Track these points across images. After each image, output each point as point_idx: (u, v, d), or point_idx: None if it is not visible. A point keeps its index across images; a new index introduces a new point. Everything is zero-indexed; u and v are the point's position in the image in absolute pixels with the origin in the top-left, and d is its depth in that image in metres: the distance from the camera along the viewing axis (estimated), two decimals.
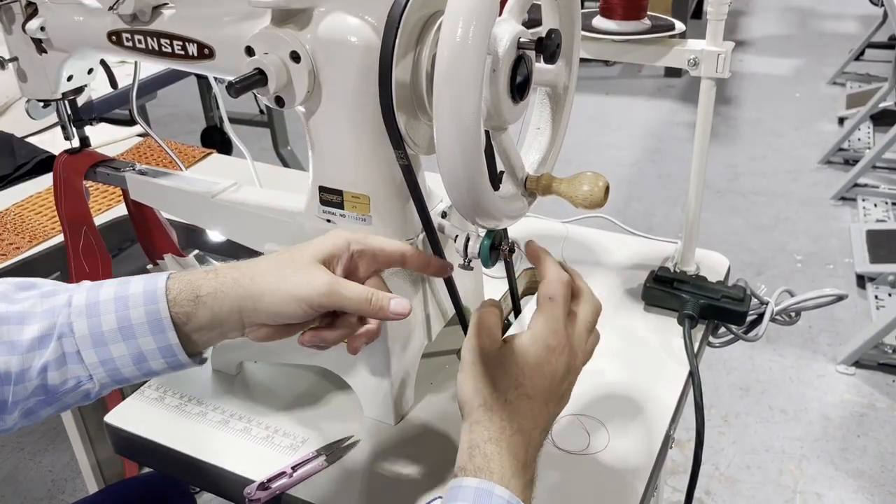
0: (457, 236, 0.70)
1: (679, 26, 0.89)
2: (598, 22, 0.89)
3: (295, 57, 0.64)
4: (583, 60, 0.79)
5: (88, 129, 0.91)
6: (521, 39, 0.61)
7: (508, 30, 0.60)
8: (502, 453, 0.55)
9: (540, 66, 0.68)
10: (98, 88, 1.60)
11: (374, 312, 0.59)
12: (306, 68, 0.64)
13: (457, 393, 0.59)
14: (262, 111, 2.82)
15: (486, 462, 0.55)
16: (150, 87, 1.79)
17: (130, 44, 0.74)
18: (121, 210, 1.19)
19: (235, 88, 0.62)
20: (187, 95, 3.30)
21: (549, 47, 0.60)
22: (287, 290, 0.57)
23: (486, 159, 0.57)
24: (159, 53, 0.73)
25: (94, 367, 0.57)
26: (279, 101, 0.66)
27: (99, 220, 1.18)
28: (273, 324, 0.59)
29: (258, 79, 0.63)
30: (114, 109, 1.67)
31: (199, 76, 2.38)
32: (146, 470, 1.14)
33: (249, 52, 0.65)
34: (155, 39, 0.73)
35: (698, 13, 4.68)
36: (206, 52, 0.70)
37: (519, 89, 0.62)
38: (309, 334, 0.61)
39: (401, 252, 0.64)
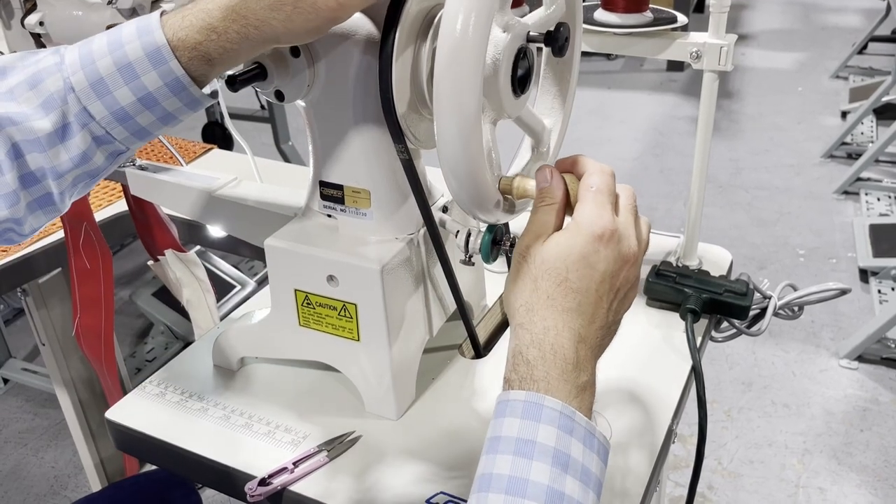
0: (458, 231, 0.69)
1: (681, 19, 0.88)
2: (600, 15, 0.89)
3: (295, 51, 0.63)
4: (585, 54, 0.79)
5: None
6: (530, 33, 0.60)
7: (513, 24, 0.59)
8: (545, 357, 0.50)
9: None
10: None
11: None
12: (306, 62, 0.63)
13: (504, 297, 0.55)
14: (262, 107, 2.82)
15: (530, 370, 0.50)
16: None
17: None
18: (121, 206, 1.19)
19: (236, 83, 0.61)
20: None
21: (557, 40, 0.60)
22: (299, 27, 0.54)
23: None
24: None
25: (107, 122, 0.55)
26: (279, 95, 0.66)
27: (100, 215, 1.17)
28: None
29: (258, 73, 0.63)
30: None
31: None
32: (149, 466, 1.14)
33: None
34: None
35: (700, 7, 4.66)
36: None
37: (520, 82, 0.62)
38: None
39: None
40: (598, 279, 0.53)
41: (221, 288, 2.15)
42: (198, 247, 1.38)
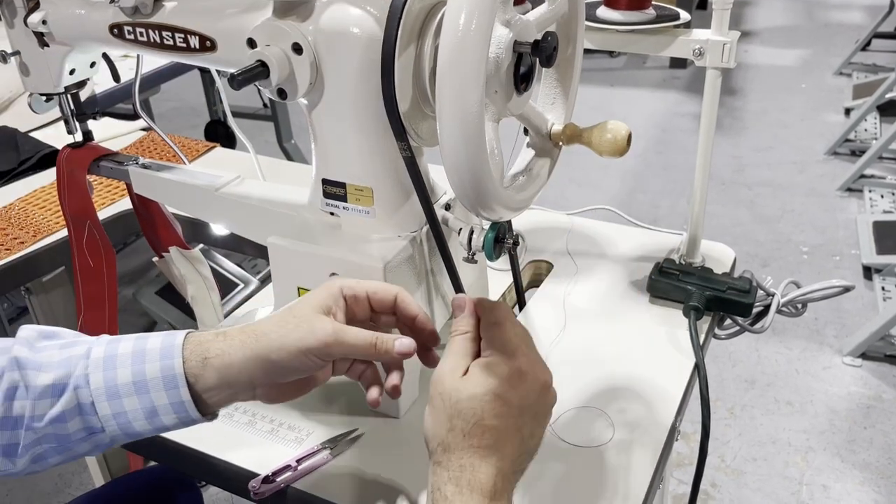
0: (460, 229, 0.69)
1: (684, 16, 0.88)
2: (603, 12, 0.89)
3: (297, 49, 0.63)
4: (587, 51, 0.79)
5: (92, 124, 0.91)
6: (517, 41, 0.60)
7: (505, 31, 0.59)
8: (462, 492, 0.52)
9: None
10: (101, 83, 1.61)
11: (381, 355, 0.59)
12: (308, 60, 0.63)
13: (425, 432, 0.57)
14: (265, 105, 2.82)
15: None
16: (153, 80, 1.79)
17: (132, 37, 0.74)
18: (125, 204, 1.19)
19: (238, 80, 0.61)
20: (191, 90, 3.30)
21: (545, 50, 0.60)
22: (292, 344, 0.57)
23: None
24: (161, 46, 0.73)
25: (106, 420, 0.57)
26: (281, 93, 0.66)
27: (103, 213, 1.18)
28: (283, 381, 0.60)
29: (260, 71, 0.63)
30: (117, 104, 1.68)
31: (202, 70, 2.37)
32: (152, 463, 1.14)
33: (251, 44, 0.65)
34: (157, 32, 0.72)
35: (703, 4, 4.65)
36: (207, 45, 0.70)
37: (523, 79, 0.62)
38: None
39: (393, 293, 0.62)
40: (515, 414, 0.54)
41: (225, 286, 2.15)
42: (201, 245, 1.38)
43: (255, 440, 0.74)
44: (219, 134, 2.89)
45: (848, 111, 3.46)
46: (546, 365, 0.59)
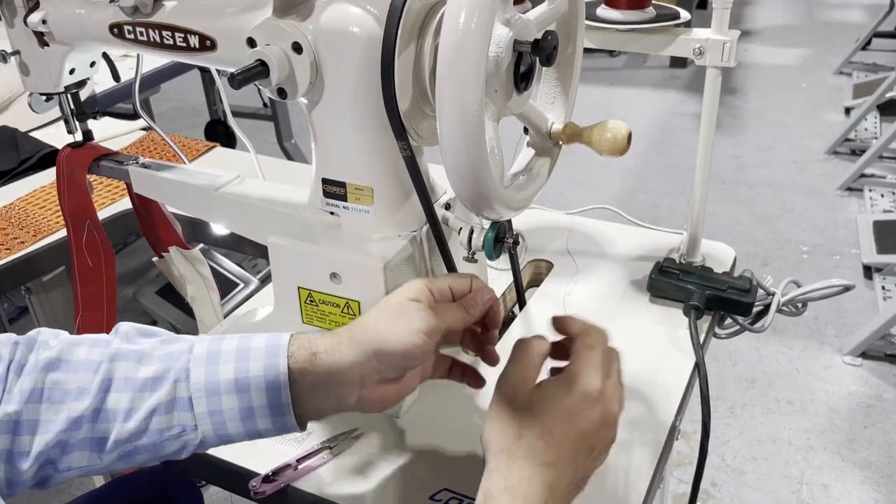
0: (461, 229, 0.69)
1: (684, 15, 0.88)
2: (603, 11, 0.89)
3: (297, 48, 0.63)
4: (587, 51, 0.78)
5: (92, 123, 0.91)
6: (517, 40, 0.60)
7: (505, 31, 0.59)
8: None
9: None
10: (101, 82, 1.61)
11: (476, 312, 0.61)
12: (308, 59, 0.63)
13: (482, 432, 0.56)
14: (265, 104, 2.82)
15: None
16: (153, 80, 1.79)
17: (132, 36, 0.74)
18: (125, 204, 1.19)
19: (238, 80, 0.61)
20: (191, 89, 3.30)
21: (545, 49, 0.60)
22: (403, 329, 0.58)
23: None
24: (161, 46, 0.73)
25: (201, 418, 0.57)
26: (281, 92, 0.66)
27: (103, 213, 1.17)
28: (391, 375, 0.60)
29: (260, 70, 0.63)
30: (117, 103, 1.68)
31: (202, 70, 2.37)
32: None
33: (251, 43, 0.65)
34: (156, 31, 0.72)
35: (703, 3, 4.65)
36: (207, 44, 0.70)
37: (523, 78, 0.62)
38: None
39: (468, 280, 0.64)
40: (578, 437, 0.54)
41: (225, 285, 2.15)
42: (201, 244, 1.38)
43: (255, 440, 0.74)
44: (219, 133, 2.89)
45: (848, 110, 3.45)
46: (623, 398, 0.58)
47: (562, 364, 0.59)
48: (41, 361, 0.57)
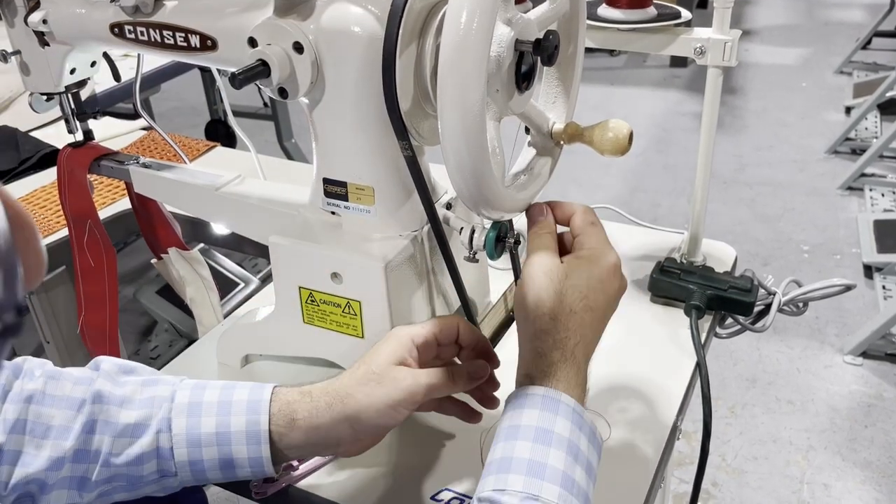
0: (462, 228, 0.69)
1: (685, 14, 0.88)
2: (604, 10, 0.89)
3: (298, 48, 0.63)
4: (588, 50, 0.78)
5: (93, 123, 0.91)
6: (519, 39, 0.60)
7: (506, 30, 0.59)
8: (567, 362, 0.56)
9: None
10: (102, 82, 1.61)
11: (459, 386, 0.62)
12: (309, 59, 0.63)
13: (514, 305, 0.60)
14: (265, 104, 2.81)
15: (552, 369, 0.56)
16: (153, 80, 1.79)
17: (133, 36, 0.74)
18: (125, 203, 1.19)
19: (239, 79, 0.61)
20: (192, 89, 3.29)
21: (546, 49, 0.60)
22: (379, 401, 0.59)
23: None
24: (162, 45, 0.73)
25: (181, 466, 0.58)
26: (282, 92, 0.66)
27: (104, 213, 1.17)
28: (371, 437, 0.62)
29: (261, 70, 0.63)
30: (118, 103, 1.67)
31: (202, 69, 2.37)
32: None
33: (252, 43, 0.65)
34: (157, 31, 0.72)
35: (704, 3, 4.65)
36: (208, 44, 0.70)
37: (524, 78, 0.62)
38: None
39: (455, 324, 0.65)
40: (606, 303, 0.60)
41: (225, 285, 2.14)
42: (202, 244, 1.38)
43: None
44: (219, 133, 2.88)
45: (848, 110, 3.45)
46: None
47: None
48: (25, 392, 0.58)
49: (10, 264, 0.27)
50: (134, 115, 1.52)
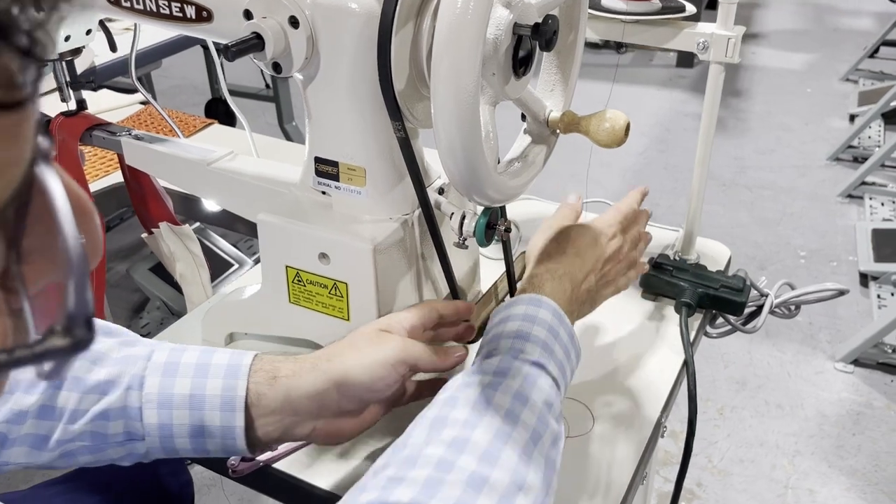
0: (453, 214, 0.68)
1: (690, 8, 0.87)
2: (608, 1, 0.88)
3: (294, 22, 0.62)
4: (594, 46, 0.77)
5: (90, 96, 0.90)
6: (518, 23, 0.59)
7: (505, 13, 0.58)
8: (553, 281, 0.65)
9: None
10: (101, 54, 1.59)
11: (444, 364, 0.63)
12: (305, 34, 0.62)
13: (528, 250, 0.73)
14: (267, 85, 2.80)
15: (540, 282, 0.65)
16: (153, 54, 1.78)
17: (128, 4, 0.73)
18: (117, 177, 1.18)
19: (231, 52, 0.60)
20: (194, 67, 3.28)
21: (545, 33, 0.59)
22: (370, 358, 0.58)
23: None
24: (157, 15, 0.72)
25: (149, 429, 0.55)
26: (276, 66, 0.65)
27: (95, 186, 1.16)
28: (351, 407, 0.60)
29: (255, 43, 0.62)
30: (117, 76, 1.66)
31: (205, 48, 2.36)
32: None
33: (248, 15, 0.64)
34: (153, 0, 0.71)
35: (713, 3, 4.63)
36: (204, 15, 0.69)
37: (522, 63, 0.61)
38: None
39: (432, 306, 0.68)
40: (596, 256, 0.69)
41: (219, 265, 2.14)
42: (197, 223, 1.37)
43: None
44: (219, 112, 2.87)
45: (852, 117, 3.44)
46: (633, 256, 0.77)
47: None
48: None
49: (82, 273, 0.23)
50: (133, 91, 1.51)
